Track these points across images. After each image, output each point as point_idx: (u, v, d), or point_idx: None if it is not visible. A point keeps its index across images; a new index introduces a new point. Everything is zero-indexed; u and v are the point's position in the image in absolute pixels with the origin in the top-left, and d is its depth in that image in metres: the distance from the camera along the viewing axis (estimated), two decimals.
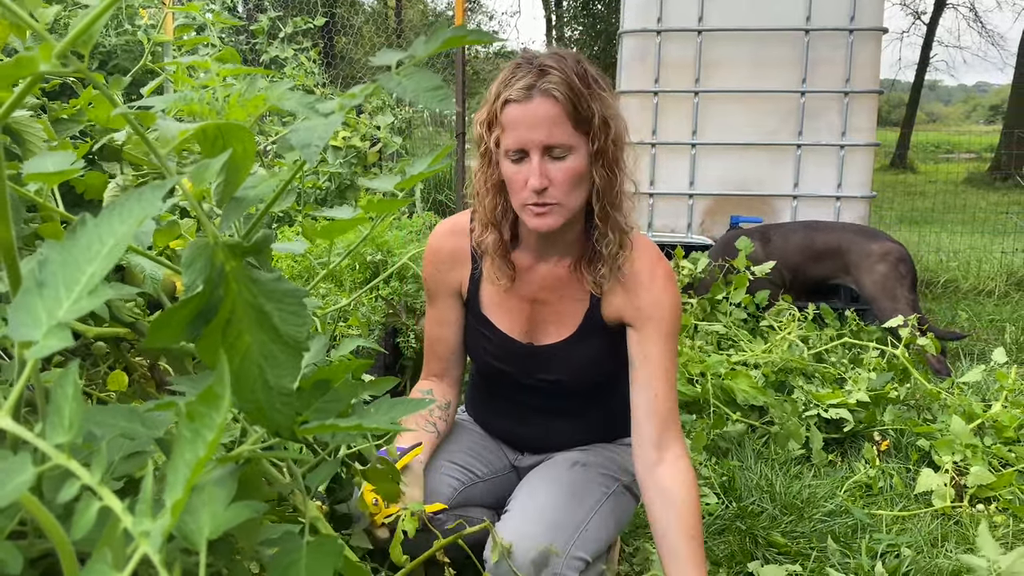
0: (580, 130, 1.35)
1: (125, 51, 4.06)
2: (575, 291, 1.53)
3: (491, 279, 1.55)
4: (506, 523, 1.43)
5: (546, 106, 1.32)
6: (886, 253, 3.70)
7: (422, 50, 0.56)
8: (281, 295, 0.58)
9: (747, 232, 4.07)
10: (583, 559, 1.41)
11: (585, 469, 1.58)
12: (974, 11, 25.25)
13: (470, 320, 1.63)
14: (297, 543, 0.67)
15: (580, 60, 1.38)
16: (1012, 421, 2.64)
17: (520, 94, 1.33)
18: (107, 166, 1.35)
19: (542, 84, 1.32)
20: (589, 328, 1.53)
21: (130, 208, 0.47)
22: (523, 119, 1.34)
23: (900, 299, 3.61)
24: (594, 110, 1.35)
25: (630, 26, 4.68)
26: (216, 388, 0.45)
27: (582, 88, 1.33)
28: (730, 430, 2.70)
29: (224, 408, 0.43)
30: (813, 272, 3.91)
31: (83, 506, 0.43)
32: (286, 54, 5.76)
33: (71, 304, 0.44)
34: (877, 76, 4.56)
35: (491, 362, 1.63)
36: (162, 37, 1.68)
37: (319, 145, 0.53)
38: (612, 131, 1.38)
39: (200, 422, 0.44)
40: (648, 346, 1.47)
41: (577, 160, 1.36)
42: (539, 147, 1.34)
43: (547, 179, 1.35)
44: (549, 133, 1.33)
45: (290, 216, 3.86)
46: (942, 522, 2.20)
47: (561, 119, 1.33)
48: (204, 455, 0.42)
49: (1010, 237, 6.45)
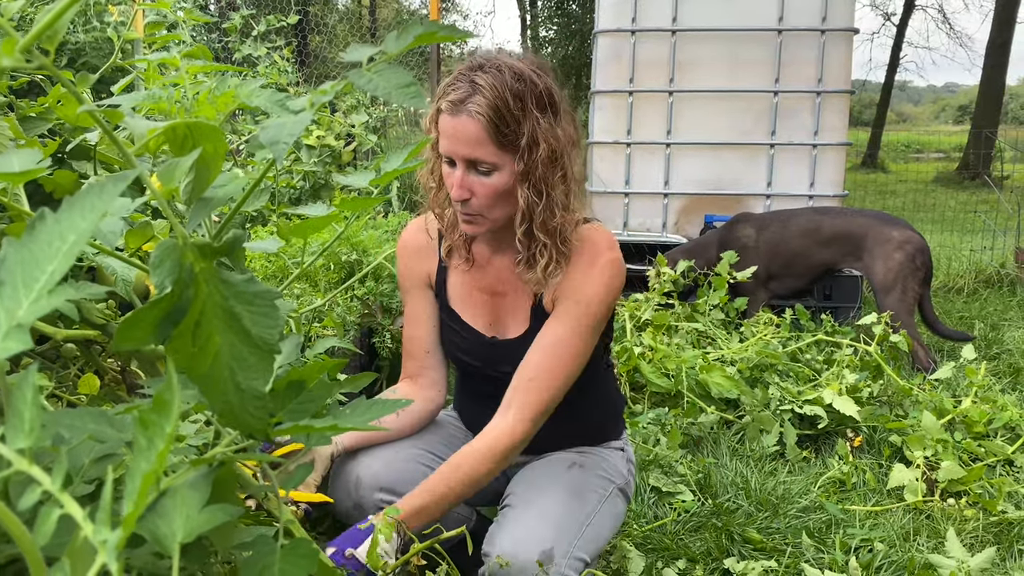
0: (505, 150, 1.37)
1: (94, 48, 4.00)
2: (523, 286, 1.55)
3: (453, 263, 1.60)
4: (506, 520, 1.43)
5: (470, 125, 1.35)
6: (906, 241, 3.60)
7: (394, 46, 0.56)
8: (252, 296, 0.57)
9: (748, 217, 4.06)
10: (583, 560, 1.42)
11: (583, 471, 1.60)
12: (942, 12, 25.74)
13: (442, 316, 1.65)
14: (272, 546, 0.67)
15: (522, 75, 1.37)
16: (982, 416, 2.68)
17: (449, 107, 1.36)
18: (77, 165, 1.33)
19: (468, 104, 1.34)
20: (539, 320, 1.55)
21: (91, 202, 0.45)
22: (451, 131, 1.37)
23: (909, 291, 3.53)
24: (522, 131, 1.36)
25: (605, 26, 4.69)
26: (165, 394, 0.44)
27: (512, 108, 1.34)
28: (703, 420, 2.73)
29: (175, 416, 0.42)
30: (816, 257, 3.82)
31: (44, 513, 0.42)
32: (259, 52, 5.71)
33: (31, 304, 0.42)
34: (849, 76, 4.61)
35: (461, 356, 1.65)
36: (132, 34, 1.65)
37: (288, 142, 0.52)
38: (541, 151, 1.37)
39: (153, 431, 0.43)
40: (550, 320, 1.50)
41: (501, 178, 1.38)
42: (463, 160, 1.38)
43: (469, 192, 1.39)
44: (472, 150, 1.36)
45: (264, 216, 3.83)
46: (914, 516, 2.23)
47: (484, 139, 1.35)
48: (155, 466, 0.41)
49: (978, 235, 6.55)
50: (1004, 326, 4.38)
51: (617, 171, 4.77)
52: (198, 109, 0.64)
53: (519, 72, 1.37)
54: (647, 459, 2.43)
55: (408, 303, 1.67)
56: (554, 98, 1.41)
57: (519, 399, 1.47)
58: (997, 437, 2.68)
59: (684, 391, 2.80)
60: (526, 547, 1.36)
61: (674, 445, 2.53)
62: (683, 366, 2.87)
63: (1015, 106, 38.25)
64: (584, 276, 1.48)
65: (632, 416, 2.74)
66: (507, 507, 1.50)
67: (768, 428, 2.68)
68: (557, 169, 1.41)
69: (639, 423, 2.64)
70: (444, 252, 1.61)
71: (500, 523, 1.44)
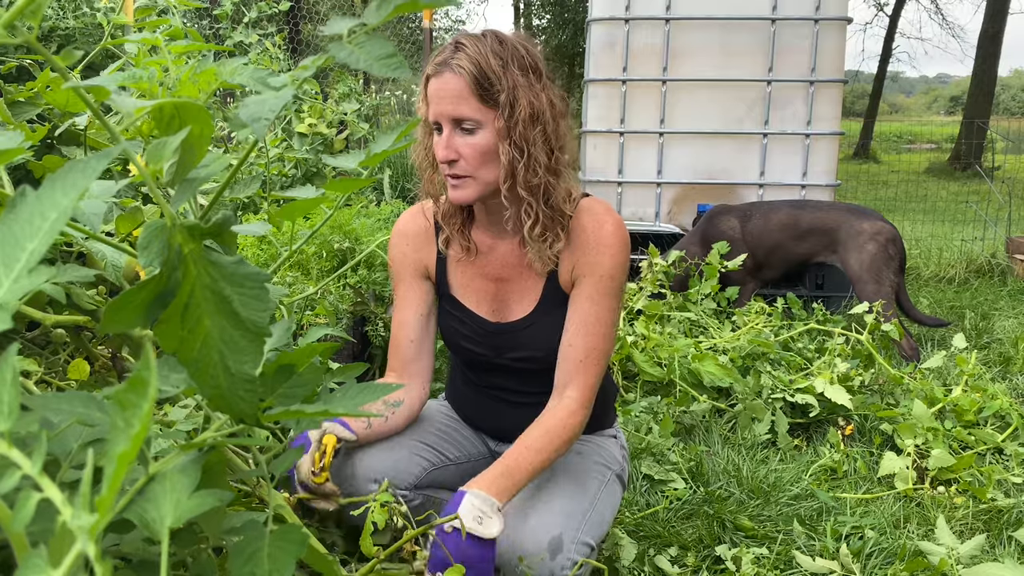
0: (487, 106, 1.40)
1: (84, 35, 3.96)
2: (532, 265, 1.55)
3: (454, 255, 1.60)
4: (513, 510, 1.43)
5: (452, 80, 1.39)
6: (877, 232, 3.65)
7: (375, 17, 0.55)
8: (242, 279, 0.57)
9: (729, 209, 4.08)
10: (589, 544, 1.44)
11: (582, 458, 1.63)
12: (935, 3, 25.63)
13: (443, 306, 1.65)
14: (261, 531, 0.66)
15: (504, 40, 1.43)
16: (972, 405, 2.70)
17: (434, 69, 1.42)
18: (66, 150, 1.32)
19: (451, 60, 1.40)
20: (550, 301, 1.56)
21: (73, 179, 0.45)
22: (436, 92, 1.42)
23: (885, 281, 3.57)
24: (502, 86, 1.39)
25: (598, 14, 4.68)
26: (143, 373, 0.43)
27: (493, 65, 1.39)
28: (696, 409, 2.73)
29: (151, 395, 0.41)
30: (794, 251, 3.87)
31: (23, 498, 0.42)
32: (251, 39, 5.67)
33: (11, 283, 0.41)
34: (842, 66, 4.61)
35: (464, 345, 1.64)
36: (122, 20, 1.63)
37: (269, 118, 0.51)
38: (522, 109, 1.40)
39: (130, 411, 0.42)
40: (578, 299, 1.52)
41: (485, 136, 1.42)
42: (448, 120, 1.42)
43: (455, 152, 1.43)
44: (455, 107, 1.40)
45: (255, 203, 3.81)
46: (904, 504, 2.24)
47: (465, 93, 1.39)
48: (131, 447, 0.40)
49: (969, 225, 6.57)
50: (995, 315, 4.40)
51: (610, 160, 4.76)
52: (181, 88, 0.63)
53: (502, 38, 1.43)
54: (639, 447, 2.43)
55: (398, 290, 1.66)
56: (537, 65, 1.45)
57: (577, 381, 1.49)
58: (987, 425, 2.69)
59: (676, 380, 2.81)
60: (535, 536, 1.38)
61: (666, 433, 2.53)
62: (675, 355, 2.87)
63: (1007, 97, 38.35)
64: (597, 248, 1.50)
65: (625, 404, 2.74)
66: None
67: (760, 416, 2.69)
68: (537, 127, 1.43)
69: (632, 411, 2.65)
70: (442, 243, 1.61)
71: (506, 513, 1.44)
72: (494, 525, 1.28)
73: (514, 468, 1.37)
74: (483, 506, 1.29)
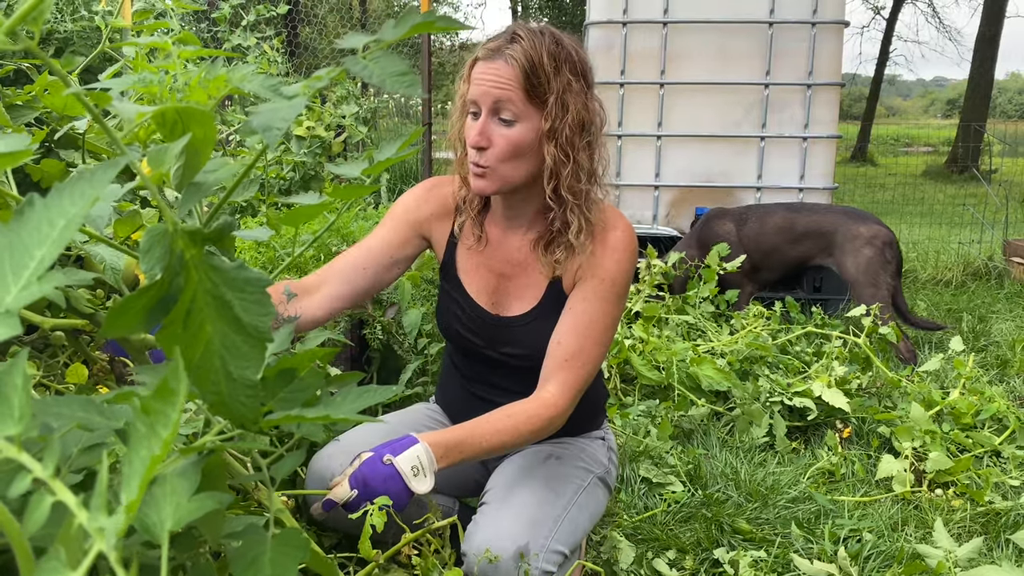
0: (533, 103, 1.39)
1: (82, 38, 3.96)
2: (540, 266, 1.55)
3: (464, 241, 1.60)
4: (483, 519, 1.43)
5: (504, 68, 1.38)
6: (873, 236, 3.65)
7: (391, 34, 0.55)
8: (243, 284, 0.57)
9: (725, 212, 4.08)
10: (561, 552, 1.42)
11: (560, 462, 1.59)
12: (932, 6, 25.70)
13: (444, 287, 1.65)
14: (262, 536, 0.66)
15: (560, 41, 1.41)
16: (969, 408, 2.70)
17: (486, 53, 1.40)
18: (65, 154, 1.32)
19: (507, 49, 1.38)
20: (551, 302, 1.55)
21: (81, 188, 0.45)
22: (483, 76, 1.40)
23: (882, 285, 3.57)
24: (552, 88, 1.38)
25: (596, 17, 4.68)
26: (171, 383, 0.43)
27: (547, 64, 1.38)
28: (694, 413, 2.74)
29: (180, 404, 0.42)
30: (790, 254, 3.87)
31: (35, 501, 0.42)
32: (249, 42, 5.67)
33: (19, 290, 0.42)
34: (839, 69, 4.62)
35: (461, 332, 1.63)
36: (120, 23, 1.63)
37: (282, 128, 0.51)
38: (571, 116, 1.40)
39: (155, 418, 0.42)
40: (575, 300, 1.50)
41: (523, 131, 1.40)
42: (489, 105, 1.40)
43: (487, 139, 1.41)
44: (500, 94, 1.38)
45: (253, 206, 3.81)
46: (902, 507, 2.25)
47: (514, 85, 1.38)
48: (159, 453, 0.41)
49: (967, 228, 6.58)
50: (992, 318, 4.41)
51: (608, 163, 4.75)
52: (190, 93, 0.63)
53: (559, 38, 1.42)
54: (637, 450, 2.43)
55: (383, 226, 1.61)
56: (588, 73, 1.45)
57: (559, 377, 1.47)
58: (984, 428, 2.70)
59: (675, 383, 2.81)
60: (501, 545, 1.35)
61: (664, 437, 2.53)
62: (673, 358, 2.87)
63: (1003, 100, 38.41)
64: (603, 252, 1.50)
65: (623, 408, 2.74)
66: (484, 504, 1.49)
67: (758, 420, 2.69)
68: (585, 136, 1.44)
69: (630, 415, 2.65)
70: (458, 225, 1.61)
71: (477, 522, 1.43)
72: (424, 484, 1.28)
73: (468, 442, 1.36)
74: (425, 462, 1.29)
